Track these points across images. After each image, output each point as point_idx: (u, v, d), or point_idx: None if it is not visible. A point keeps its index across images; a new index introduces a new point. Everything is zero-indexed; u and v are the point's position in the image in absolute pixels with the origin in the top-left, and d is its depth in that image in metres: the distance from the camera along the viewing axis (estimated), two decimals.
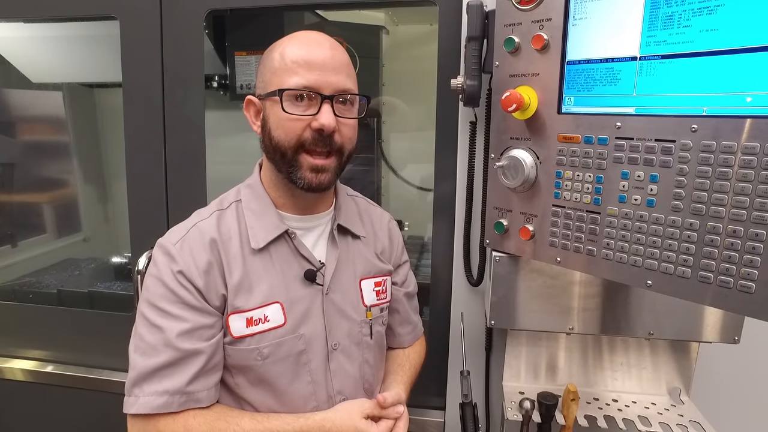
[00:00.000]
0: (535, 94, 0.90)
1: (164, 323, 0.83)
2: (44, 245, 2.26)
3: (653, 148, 0.77)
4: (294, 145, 0.85)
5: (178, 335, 0.82)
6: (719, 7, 0.68)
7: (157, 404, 0.81)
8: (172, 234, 0.90)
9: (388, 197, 2.31)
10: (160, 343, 0.82)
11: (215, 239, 0.88)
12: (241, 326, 0.87)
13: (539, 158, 0.91)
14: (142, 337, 0.84)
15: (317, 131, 0.84)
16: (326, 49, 0.86)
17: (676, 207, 0.75)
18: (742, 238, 0.69)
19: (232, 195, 0.96)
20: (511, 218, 0.98)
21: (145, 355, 0.83)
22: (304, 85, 0.83)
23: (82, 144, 2.32)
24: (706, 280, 0.73)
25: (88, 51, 1.85)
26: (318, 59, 0.84)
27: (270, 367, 0.88)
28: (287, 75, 0.84)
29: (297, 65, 0.84)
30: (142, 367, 0.82)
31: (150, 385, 0.82)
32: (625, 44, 0.78)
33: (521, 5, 0.90)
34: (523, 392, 1.12)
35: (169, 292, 0.84)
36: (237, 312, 0.87)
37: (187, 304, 0.84)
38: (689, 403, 1.08)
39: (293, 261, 0.92)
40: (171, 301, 0.84)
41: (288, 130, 0.85)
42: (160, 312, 0.84)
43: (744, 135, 0.67)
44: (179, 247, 0.86)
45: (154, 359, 0.82)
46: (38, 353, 1.64)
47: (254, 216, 0.91)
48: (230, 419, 0.84)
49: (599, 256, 0.85)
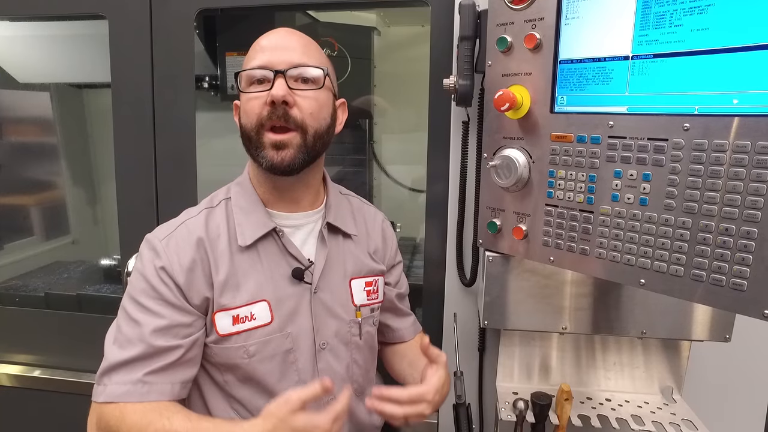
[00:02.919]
0: (528, 93, 0.90)
1: (142, 318, 0.84)
2: (31, 248, 2.22)
3: (646, 146, 0.77)
4: (255, 125, 0.86)
5: (153, 331, 0.83)
6: (710, 6, 0.68)
7: (119, 392, 0.81)
8: (160, 230, 0.90)
9: (379, 198, 2.30)
10: (136, 337, 0.83)
11: (202, 238, 0.88)
12: (228, 324, 0.87)
13: (532, 157, 0.91)
14: (120, 329, 0.85)
15: (271, 105, 0.84)
16: (282, 34, 0.89)
17: (668, 206, 0.76)
18: (734, 236, 0.69)
19: (222, 193, 0.96)
20: (504, 218, 0.98)
21: (120, 348, 0.83)
22: (258, 65, 0.86)
23: (71, 145, 2.29)
24: (699, 278, 0.74)
25: (76, 51, 1.83)
26: (271, 42, 0.88)
27: (257, 365, 0.88)
28: (247, 62, 0.88)
29: (255, 51, 0.88)
30: (115, 358, 0.83)
31: (119, 375, 0.82)
32: (618, 43, 0.79)
33: (514, 5, 0.90)
34: (516, 392, 1.12)
35: (150, 287, 0.85)
36: (223, 310, 0.87)
37: (165, 301, 0.85)
38: (681, 402, 1.08)
39: (281, 259, 0.91)
40: (150, 296, 0.85)
41: (248, 110, 0.87)
42: (140, 306, 0.85)
43: (735, 133, 0.68)
44: (165, 244, 0.87)
45: (127, 352, 0.83)
46: (25, 357, 1.61)
47: (242, 213, 0.91)
48: (164, 412, 0.81)
49: (592, 255, 0.86)
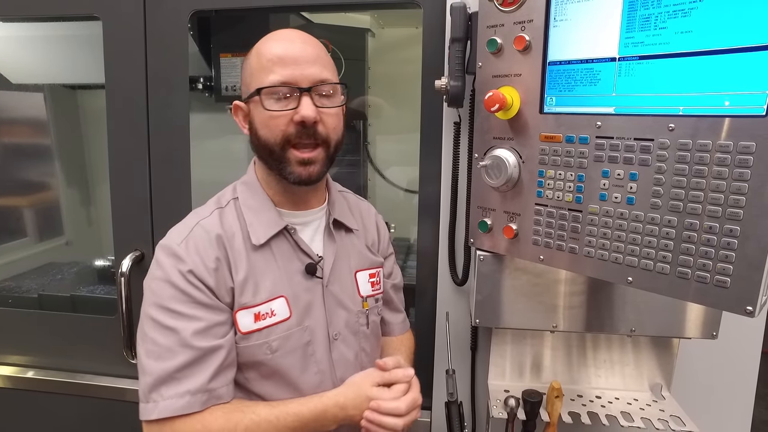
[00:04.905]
0: (518, 94, 0.91)
1: (178, 324, 0.82)
2: (25, 249, 2.21)
3: (632, 146, 0.78)
4: (280, 142, 0.86)
5: (193, 334, 0.82)
6: (693, 9, 0.70)
7: (179, 406, 0.80)
8: (173, 235, 0.89)
9: (374, 199, 2.31)
10: (176, 344, 0.81)
11: (221, 235, 0.88)
12: (249, 322, 0.88)
13: (522, 157, 0.93)
14: (154, 341, 0.82)
15: (299, 124, 0.85)
16: (298, 44, 0.87)
17: (654, 204, 0.77)
18: (718, 234, 0.71)
19: (229, 193, 0.96)
20: (494, 217, 0.99)
21: (160, 359, 0.81)
22: (281, 81, 0.84)
23: (65, 146, 2.29)
24: (684, 275, 0.75)
25: (69, 52, 1.83)
26: (291, 54, 0.86)
27: (280, 360, 0.90)
28: (264, 74, 0.86)
29: (272, 63, 0.85)
30: (159, 370, 0.80)
31: (170, 388, 0.80)
32: (605, 45, 0.80)
33: (503, 7, 0.91)
34: (508, 390, 1.13)
35: (179, 292, 0.83)
36: (244, 308, 0.88)
37: (199, 303, 0.84)
38: (670, 399, 1.10)
39: (293, 256, 0.93)
40: (182, 301, 0.83)
41: (272, 127, 0.86)
42: (172, 313, 0.83)
43: (718, 134, 0.69)
44: (185, 247, 0.86)
45: (170, 361, 0.81)
46: (18, 359, 1.61)
47: (253, 213, 0.92)
48: (246, 408, 0.85)
49: (581, 253, 0.87)
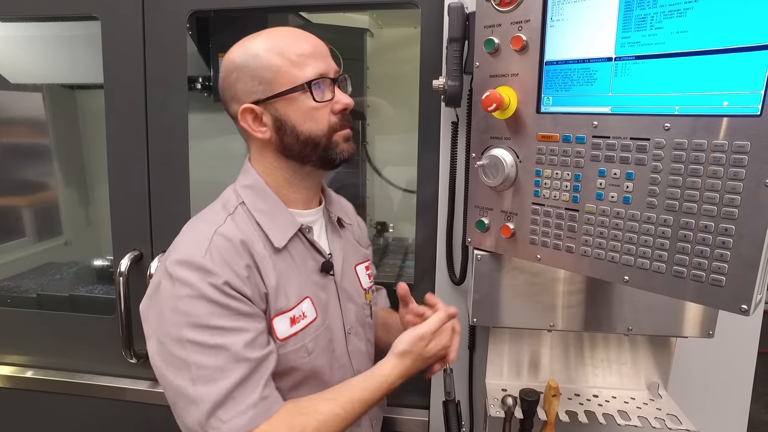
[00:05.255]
0: (515, 94, 0.91)
1: (225, 340, 0.77)
2: (24, 249, 2.21)
3: (629, 146, 0.79)
4: (327, 131, 0.88)
5: (245, 347, 0.77)
6: (688, 10, 0.70)
7: (243, 423, 0.75)
8: (189, 249, 0.81)
9: (372, 199, 2.32)
10: (228, 361, 0.76)
11: (245, 241, 0.84)
12: (286, 327, 0.86)
13: (519, 157, 0.93)
14: (200, 364, 0.75)
15: (341, 112, 0.89)
16: (313, 38, 0.89)
17: (650, 203, 0.77)
18: (713, 233, 0.71)
19: (233, 198, 0.91)
20: (492, 217, 0.99)
21: (211, 382, 0.75)
22: (320, 73, 0.86)
23: (63, 146, 2.29)
24: (680, 274, 0.75)
25: (68, 51, 1.83)
26: (317, 48, 0.88)
27: (315, 362, 0.90)
28: (299, 68, 0.85)
29: (305, 57, 0.86)
30: (214, 395, 0.75)
31: (228, 410, 0.75)
32: (601, 45, 0.80)
33: (500, 7, 0.91)
34: (505, 389, 1.13)
35: (219, 307, 0.77)
36: (281, 313, 0.86)
37: (242, 314, 0.79)
38: (667, 397, 1.10)
39: (308, 255, 0.93)
40: (224, 315, 0.78)
41: (319, 118, 0.87)
42: (216, 330, 0.77)
43: (714, 133, 0.70)
44: (210, 259, 0.79)
45: (224, 381, 0.75)
46: (17, 358, 1.61)
47: (265, 216, 0.89)
48: (304, 409, 0.82)
49: (578, 252, 0.87)
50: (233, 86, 0.88)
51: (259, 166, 0.93)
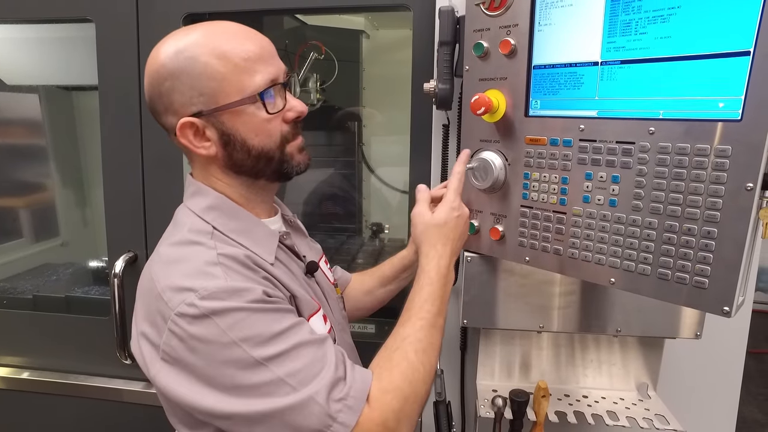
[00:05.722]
0: (504, 97, 0.92)
1: (298, 336, 0.70)
2: (21, 250, 2.22)
3: (615, 149, 0.80)
4: (280, 144, 0.81)
5: (311, 332, 0.73)
6: (671, 15, 0.71)
7: (359, 386, 0.70)
8: (207, 280, 0.69)
9: (369, 200, 2.33)
10: (313, 351, 0.70)
11: (248, 255, 0.76)
12: (322, 325, 0.84)
13: (508, 160, 0.94)
14: (292, 371, 0.67)
15: (294, 121, 0.81)
16: (259, 36, 0.79)
17: (636, 206, 0.78)
18: (696, 236, 0.72)
19: (199, 223, 0.79)
20: (482, 219, 1.00)
21: (314, 378, 0.68)
22: (271, 79, 0.77)
23: (60, 147, 2.29)
24: (665, 276, 0.76)
25: (63, 53, 1.84)
26: (265, 47, 0.78)
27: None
28: (247, 75, 0.75)
29: (252, 62, 0.75)
30: (324, 383, 0.67)
31: (341, 387, 0.69)
32: (588, 49, 0.81)
33: (489, 11, 0.92)
34: (496, 390, 1.14)
35: (273, 312, 0.71)
36: (314, 313, 0.84)
37: (290, 310, 0.75)
38: (656, 398, 1.11)
39: (291, 261, 0.89)
40: (281, 318, 0.71)
41: (271, 131, 0.79)
42: (284, 333, 0.69)
43: (696, 137, 0.71)
44: (234, 280, 0.71)
45: (324, 369, 0.69)
46: (13, 360, 1.62)
47: (243, 235, 0.80)
48: (390, 345, 0.78)
49: (565, 255, 0.88)
50: (167, 96, 0.76)
51: (209, 183, 0.83)
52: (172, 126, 0.78)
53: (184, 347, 0.68)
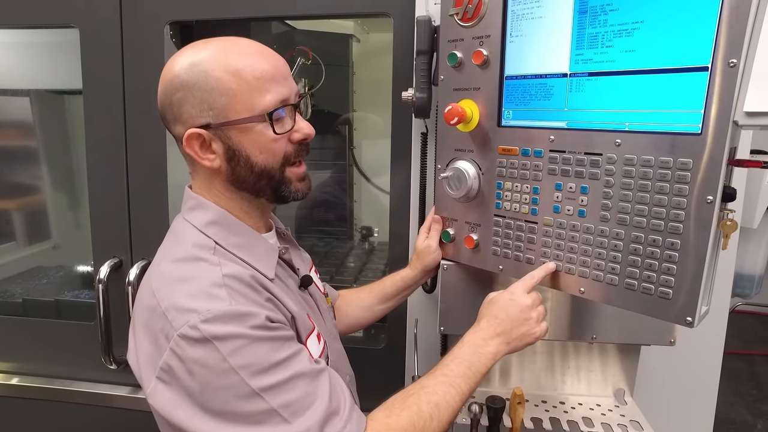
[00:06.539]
0: (477, 107, 0.93)
1: (296, 367, 0.71)
2: (13, 253, 2.23)
3: (583, 161, 0.80)
4: (281, 164, 0.81)
5: (310, 362, 0.73)
6: (635, 30, 0.72)
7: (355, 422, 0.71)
8: (211, 302, 0.69)
9: (360, 204, 2.33)
10: (309, 383, 0.70)
11: (253, 275, 0.77)
12: (317, 345, 0.84)
13: (482, 169, 0.95)
14: (287, 403, 0.68)
15: (299, 143, 0.82)
16: (274, 56, 0.80)
17: (604, 217, 0.79)
18: (660, 247, 0.73)
19: (201, 238, 0.80)
20: (457, 227, 1.01)
21: (307, 409, 0.68)
22: (282, 99, 0.78)
23: (52, 150, 2.30)
24: (632, 287, 0.77)
25: (52, 58, 1.84)
26: (279, 68, 0.79)
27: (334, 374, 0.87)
28: (258, 94, 0.76)
29: (264, 81, 0.76)
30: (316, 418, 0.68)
31: (334, 424, 0.70)
32: (557, 61, 0.82)
33: (463, 22, 0.93)
34: (474, 396, 1.14)
35: (273, 341, 0.71)
36: (310, 334, 0.84)
37: (291, 338, 0.75)
38: (632, 404, 1.12)
39: (287, 275, 0.89)
40: (281, 347, 0.71)
41: (275, 151, 0.79)
42: (283, 363, 0.70)
43: (660, 150, 0.71)
44: (237, 303, 0.70)
45: (317, 401, 0.70)
46: (2, 366, 1.62)
47: (245, 250, 0.80)
48: (410, 389, 0.79)
49: (537, 264, 0.89)
50: (177, 106, 0.77)
51: (211, 197, 0.83)
52: (180, 135, 0.79)
53: (183, 368, 0.68)
